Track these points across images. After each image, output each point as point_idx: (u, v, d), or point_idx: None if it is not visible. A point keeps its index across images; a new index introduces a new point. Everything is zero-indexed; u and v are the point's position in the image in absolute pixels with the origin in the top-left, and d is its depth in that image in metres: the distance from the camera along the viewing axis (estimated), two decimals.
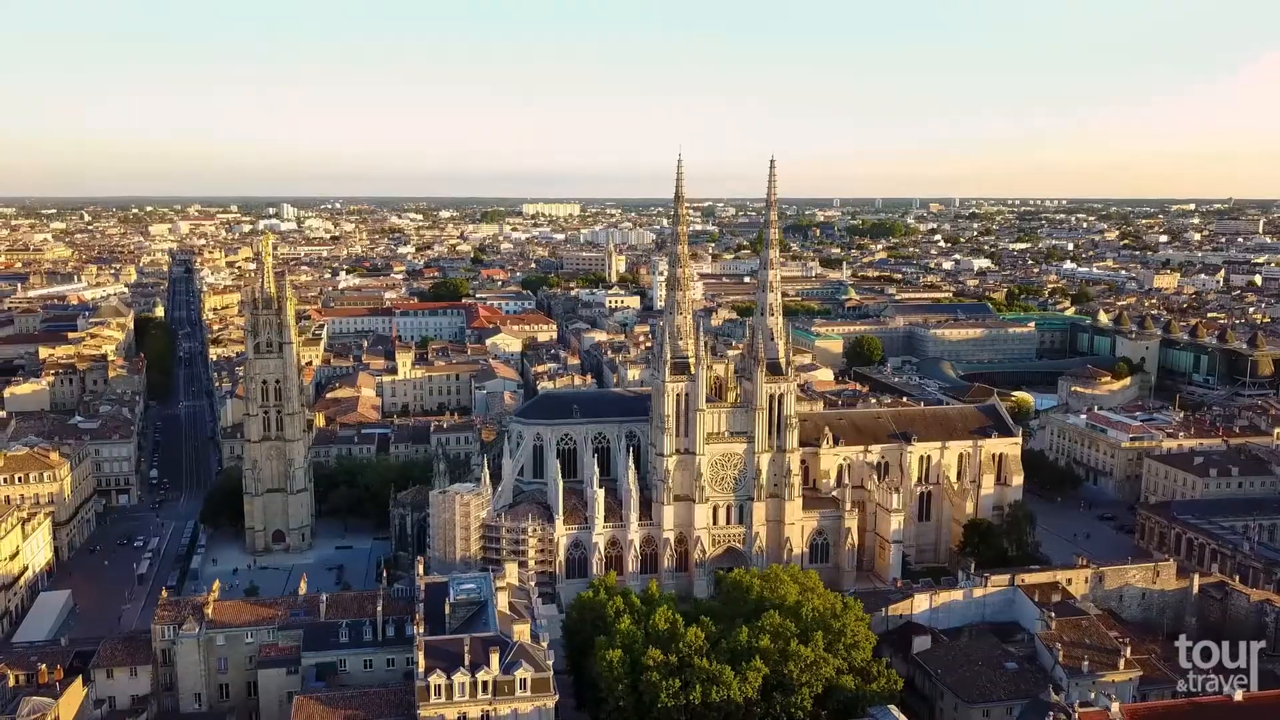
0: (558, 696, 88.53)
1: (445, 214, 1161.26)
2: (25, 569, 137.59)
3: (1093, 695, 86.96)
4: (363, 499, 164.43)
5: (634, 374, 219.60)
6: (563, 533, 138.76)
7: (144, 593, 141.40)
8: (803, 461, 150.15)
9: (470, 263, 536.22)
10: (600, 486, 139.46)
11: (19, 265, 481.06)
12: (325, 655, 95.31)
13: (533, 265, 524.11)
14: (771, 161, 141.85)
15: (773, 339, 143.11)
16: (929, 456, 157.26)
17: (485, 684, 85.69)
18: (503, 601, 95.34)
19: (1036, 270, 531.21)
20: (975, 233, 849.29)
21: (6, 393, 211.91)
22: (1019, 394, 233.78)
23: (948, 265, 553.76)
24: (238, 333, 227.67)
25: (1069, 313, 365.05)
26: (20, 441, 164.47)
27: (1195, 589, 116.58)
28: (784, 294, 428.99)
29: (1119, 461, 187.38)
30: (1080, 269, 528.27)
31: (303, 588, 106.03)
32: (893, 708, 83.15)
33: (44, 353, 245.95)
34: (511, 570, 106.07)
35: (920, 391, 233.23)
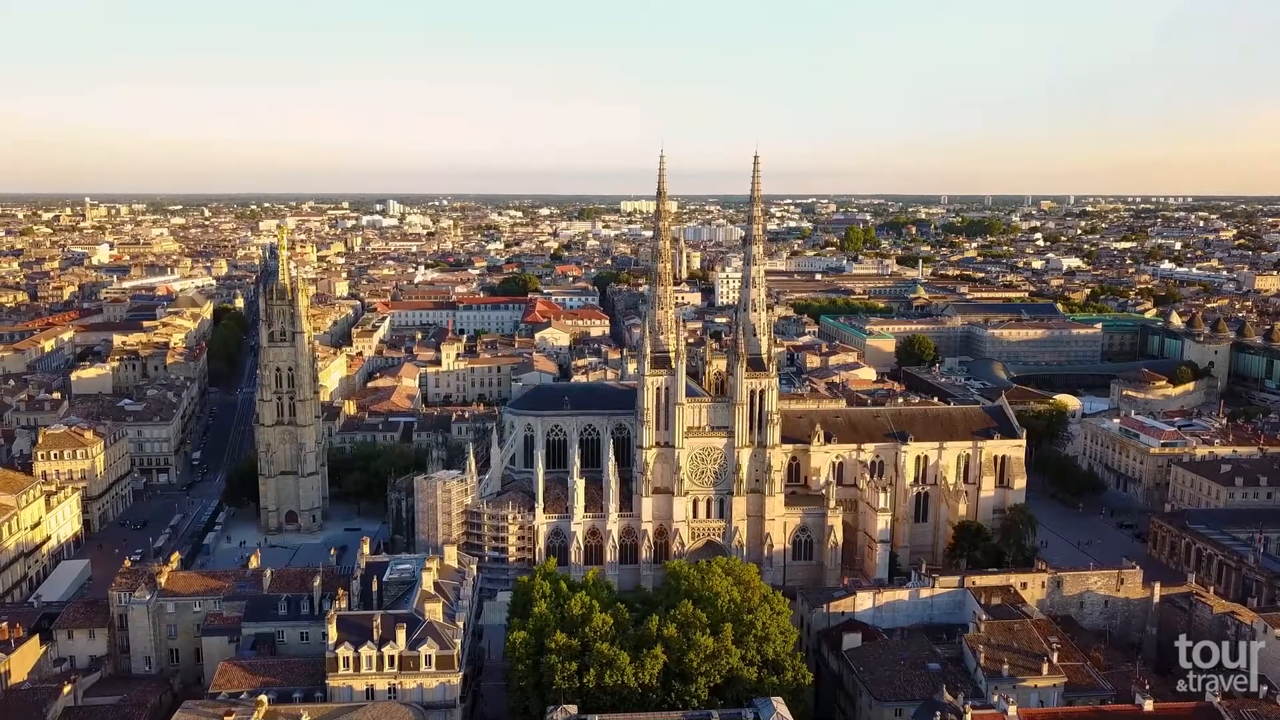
0: (463, 673, 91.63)
1: (544, 211, 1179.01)
2: (48, 538, 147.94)
3: (995, 698, 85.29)
4: (374, 484, 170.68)
5: (634, 368, 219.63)
6: (543, 521, 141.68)
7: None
8: (793, 458, 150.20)
9: (549, 259, 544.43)
10: (583, 477, 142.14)
11: (126, 258, 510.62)
12: (264, 626, 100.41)
13: (609, 262, 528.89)
14: (755, 157, 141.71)
15: (756, 334, 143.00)
16: (926, 457, 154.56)
17: (391, 658, 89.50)
18: (428, 582, 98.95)
19: (1132, 270, 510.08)
20: (1080, 231, 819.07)
21: (74, 376, 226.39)
22: (1061, 396, 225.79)
23: (1038, 264, 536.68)
24: None
25: (1150, 314, 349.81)
26: (63, 420, 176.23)
27: (1156, 598, 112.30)
28: (851, 291, 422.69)
29: (1148, 468, 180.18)
30: (1179, 269, 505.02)
31: (254, 562, 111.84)
32: (777, 701, 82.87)
33: (118, 340, 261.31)
34: (451, 553, 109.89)
35: (963, 393, 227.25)
